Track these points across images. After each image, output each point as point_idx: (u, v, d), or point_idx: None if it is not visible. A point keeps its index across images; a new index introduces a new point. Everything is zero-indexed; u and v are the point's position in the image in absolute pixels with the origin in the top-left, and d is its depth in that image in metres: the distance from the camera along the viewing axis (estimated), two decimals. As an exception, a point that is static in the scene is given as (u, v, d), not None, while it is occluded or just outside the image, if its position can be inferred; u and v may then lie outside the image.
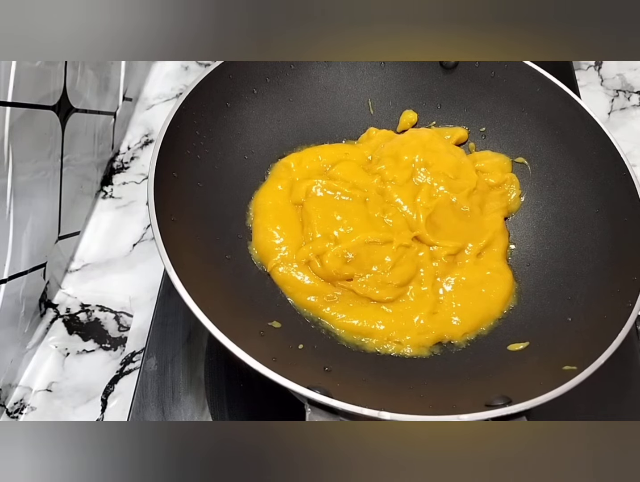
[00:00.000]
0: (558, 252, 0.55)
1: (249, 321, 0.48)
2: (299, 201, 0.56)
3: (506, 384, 0.44)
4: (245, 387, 0.55)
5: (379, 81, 0.63)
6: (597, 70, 0.89)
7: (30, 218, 0.56)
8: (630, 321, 0.43)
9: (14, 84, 0.49)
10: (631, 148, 0.79)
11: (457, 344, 0.51)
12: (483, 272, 0.55)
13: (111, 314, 0.63)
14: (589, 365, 0.41)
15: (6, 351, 0.55)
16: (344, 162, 0.59)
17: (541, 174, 0.59)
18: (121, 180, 0.74)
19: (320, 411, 0.38)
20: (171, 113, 0.50)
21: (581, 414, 0.53)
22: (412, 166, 0.58)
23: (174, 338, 0.58)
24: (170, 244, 0.43)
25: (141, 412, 0.53)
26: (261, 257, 0.54)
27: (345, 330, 0.51)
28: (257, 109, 0.59)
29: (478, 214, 0.58)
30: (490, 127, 0.62)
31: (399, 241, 0.53)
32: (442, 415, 0.38)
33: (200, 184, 0.53)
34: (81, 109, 0.64)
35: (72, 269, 0.66)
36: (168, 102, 0.83)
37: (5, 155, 0.50)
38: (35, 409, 0.57)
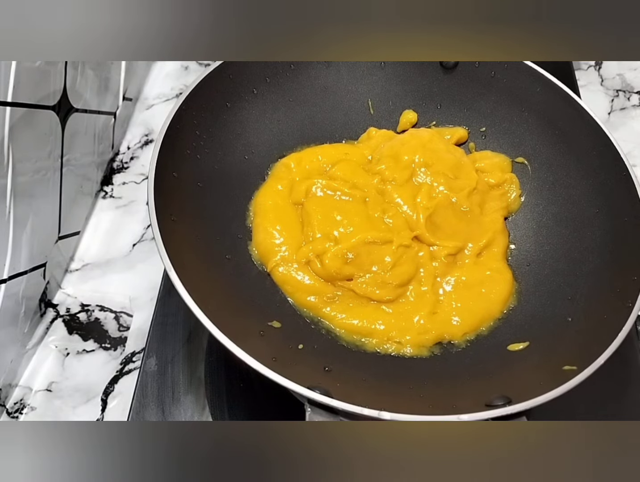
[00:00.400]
0: (558, 252, 0.55)
1: (249, 320, 0.48)
2: (299, 201, 0.56)
3: (506, 384, 0.44)
4: (245, 387, 0.55)
5: (379, 81, 0.63)
6: (597, 70, 0.89)
7: (30, 218, 0.56)
8: (630, 321, 0.43)
9: (14, 84, 0.49)
10: (631, 148, 0.79)
11: (457, 344, 0.51)
12: (483, 272, 0.55)
13: (111, 314, 0.63)
14: (589, 365, 0.41)
15: (6, 350, 0.55)
16: (344, 162, 0.59)
17: (541, 174, 0.59)
18: (121, 180, 0.74)
19: (320, 411, 0.38)
20: (171, 113, 0.50)
21: (581, 414, 0.53)
22: (412, 166, 0.58)
23: (174, 338, 0.58)
24: (170, 244, 0.43)
25: (141, 412, 0.53)
26: (261, 257, 0.54)
27: (345, 330, 0.51)
28: (257, 109, 0.59)
29: (478, 214, 0.58)
30: (490, 127, 0.62)
31: (399, 241, 0.53)
32: (442, 415, 0.38)
33: (200, 184, 0.53)
34: (81, 109, 0.64)
35: (72, 269, 0.66)
36: (168, 102, 0.83)
37: (5, 155, 0.50)
38: (35, 409, 0.57)
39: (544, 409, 0.39)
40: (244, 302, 0.49)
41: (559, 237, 0.56)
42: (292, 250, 0.53)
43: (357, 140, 0.64)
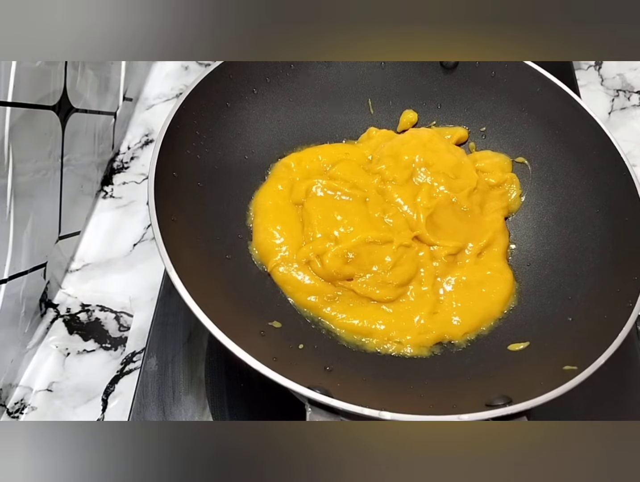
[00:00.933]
0: (558, 252, 0.55)
1: (249, 320, 0.48)
2: (299, 201, 0.56)
3: (506, 384, 0.44)
4: (245, 387, 0.55)
5: (379, 81, 0.63)
6: (597, 70, 0.89)
7: (30, 218, 0.56)
8: (630, 321, 0.43)
9: (14, 84, 0.49)
10: (631, 148, 0.79)
11: (458, 344, 0.51)
12: (483, 272, 0.55)
13: (111, 314, 0.63)
14: (589, 365, 0.41)
15: (6, 351, 0.55)
16: (344, 162, 0.59)
17: (541, 174, 0.59)
18: (121, 180, 0.74)
19: (321, 411, 0.38)
20: (171, 113, 0.50)
21: (581, 414, 0.53)
22: (412, 166, 0.58)
23: (174, 338, 0.58)
24: (171, 244, 0.43)
25: (142, 412, 0.53)
26: (261, 257, 0.54)
27: (345, 330, 0.51)
28: (257, 109, 0.59)
29: (478, 214, 0.58)
30: (490, 127, 0.62)
31: (399, 241, 0.53)
32: (443, 415, 0.38)
33: (200, 184, 0.53)
34: (81, 109, 0.64)
35: (73, 269, 0.66)
36: (168, 102, 0.83)
37: (6, 155, 0.50)
38: (36, 409, 0.57)
39: (544, 409, 0.39)
40: (244, 302, 0.49)
41: (559, 237, 0.56)
42: (292, 250, 0.53)
43: (357, 140, 0.64)
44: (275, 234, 0.54)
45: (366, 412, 0.37)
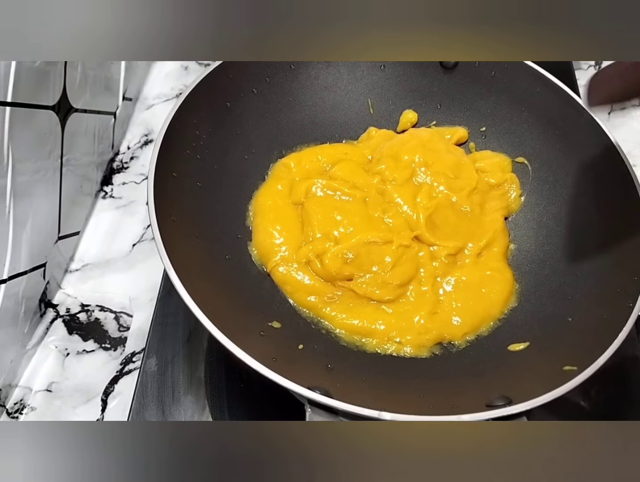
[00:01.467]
0: (558, 252, 0.55)
1: (249, 321, 0.48)
2: (299, 201, 0.56)
3: (506, 384, 0.44)
4: (245, 388, 0.55)
5: (379, 81, 0.63)
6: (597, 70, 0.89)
7: (30, 218, 0.56)
8: (630, 321, 0.43)
9: (14, 84, 0.49)
10: (631, 148, 0.79)
11: (457, 344, 0.51)
12: (483, 272, 0.55)
13: (111, 314, 0.63)
14: (589, 365, 0.41)
15: (6, 351, 0.55)
16: (344, 162, 0.59)
17: (541, 174, 0.59)
18: (121, 180, 0.74)
19: (321, 411, 0.38)
20: (171, 113, 0.50)
21: (581, 414, 0.53)
22: (412, 166, 0.58)
23: (174, 338, 0.58)
24: (170, 244, 0.43)
25: (141, 412, 0.53)
26: (261, 257, 0.54)
27: (345, 330, 0.51)
28: (257, 109, 0.59)
29: (478, 214, 0.58)
30: (490, 127, 0.62)
31: (399, 241, 0.53)
32: (442, 415, 0.38)
33: (200, 184, 0.53)
34: (81, 109, 0.64)
35: (72, 269, 0.66)
36: (168, 102, 0.83)
37: (5, 155, 0.50)
38: (35, 409, 0.57)
39: (544, 409, 0.39)
40: (244, 302, 0.49)
41: (559, 237, 0.56)
42: (292, 250, 0.53)
43: (357, 140, 0.64)
44: (275, 234, 0.54)
45: (366, 412, 0.37)
